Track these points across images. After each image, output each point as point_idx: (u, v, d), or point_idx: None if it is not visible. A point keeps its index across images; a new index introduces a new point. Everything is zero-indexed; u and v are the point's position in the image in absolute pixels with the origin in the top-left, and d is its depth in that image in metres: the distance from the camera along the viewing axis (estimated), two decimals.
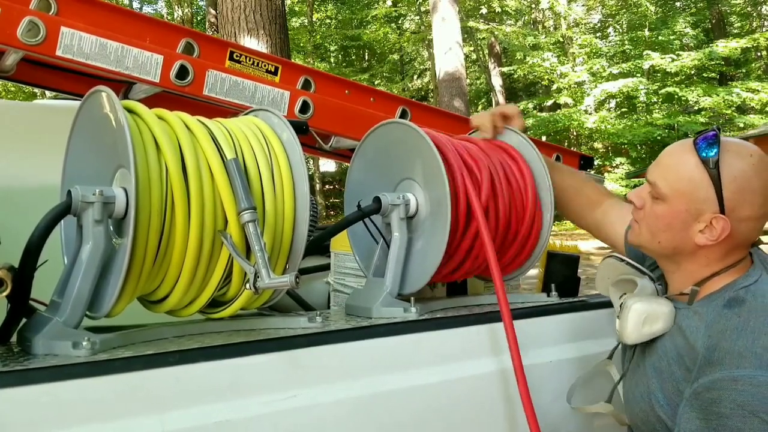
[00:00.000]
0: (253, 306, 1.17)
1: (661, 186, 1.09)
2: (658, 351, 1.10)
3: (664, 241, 1.11)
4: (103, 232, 0.94)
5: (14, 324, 0.96)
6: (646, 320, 1.08)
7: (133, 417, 0.86)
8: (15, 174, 1.50)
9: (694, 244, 1.07)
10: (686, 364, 1.03)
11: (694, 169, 1.05)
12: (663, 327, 1.09)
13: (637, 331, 1.08)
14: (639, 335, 1.09)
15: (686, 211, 1.06)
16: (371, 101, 1.96)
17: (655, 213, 1.11)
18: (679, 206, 1.07)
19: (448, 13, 12.84)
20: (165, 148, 0.98)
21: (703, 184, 1.04)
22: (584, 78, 19.27)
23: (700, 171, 1.04)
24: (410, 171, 1.31)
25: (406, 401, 1.09)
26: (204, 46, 1.65)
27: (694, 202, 1.05)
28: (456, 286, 1.55)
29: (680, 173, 1.07)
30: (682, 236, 1.08)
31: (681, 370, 1.04)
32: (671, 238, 1.10)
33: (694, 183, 1.05)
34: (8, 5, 1.33)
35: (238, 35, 5.71)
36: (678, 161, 1.08)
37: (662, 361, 1.08)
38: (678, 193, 1.07)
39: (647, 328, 1.08)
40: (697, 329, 1.04)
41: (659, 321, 1.08)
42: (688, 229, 1.07)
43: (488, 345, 1.23)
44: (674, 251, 1.11)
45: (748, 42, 17.66)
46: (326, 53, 24.94)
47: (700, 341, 1.02)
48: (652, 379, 1.10)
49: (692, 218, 1.06)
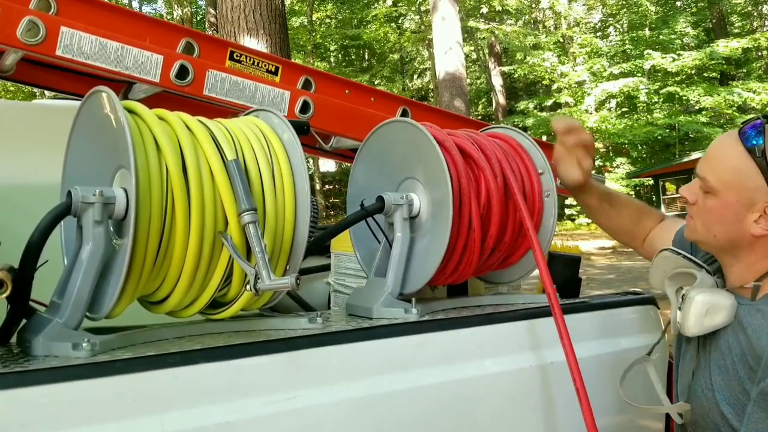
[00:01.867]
0: (254, 307, 1.17)
1: (710, 179, 1.08)
2: (721, 347, 1.08)
3: (720, 234, 1.09)
4: (104, 233, 0.94)
5: (14, 325, 0.96)
6: (708, 312, 1.06)
7: (133, 418, 0.85)
8: (15, 174, 1.49)
9: (750, 235, 1.06)
10: (749, 363, 1.02)
11: (740, 159, 1.04)
12: (724, 320, 1.07)
13: (699, 323, 1.06)
14: (701, 327, 1.07)
15: (738, 202, 1.05)
16: (371, 101, 1.96)
17: (707, 207, 1.10)
18: (730, 198, 1.06)
19: (448, 12, 12.84)
20: (165, 148, 0.98)
21: (751, 172, 1.03)
22: (584, 78, 19.27)
23: (747, 160, 1.03)
24: (413, 171, 1.30)
25: (407, 402, 1.09)
26: (204, 45, 1.65)
27: (744, 192, 1.04)
28: (457, 287, 1.54)
29: (727, 164, 1.06)
30: (737, 228, 1.07)
31: (745, 369, 1.03)
32: (726, 231, 1.08)
33: (742, 173, 1.04)
34: (8, 5, 1.33)
35: (238, 35, 5.71)
36: (724, 152, 1.07)
37: (726, 359, 1.07)
38: (727, 184, 1.06)
39: (708, 320, 1.06)
40: (761, 328, 1.02)
41: (721, 313, 1.06)
42: (742, 220, 1.06)
43: (489, 346, 1.23)
44: (731, 244, 1.09)
45: (749, 42, 17.67)
46: (326, 53, 24.94)
47: (764, 341, 1.00)
48: (716, 376, 1.08)
49: (745, 209, 1.05)
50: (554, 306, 1.16)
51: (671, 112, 18.61)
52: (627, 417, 1.37)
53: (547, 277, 1.20)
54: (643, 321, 1.46)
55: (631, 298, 1.49)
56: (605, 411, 1.27)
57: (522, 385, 1.23)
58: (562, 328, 1.14)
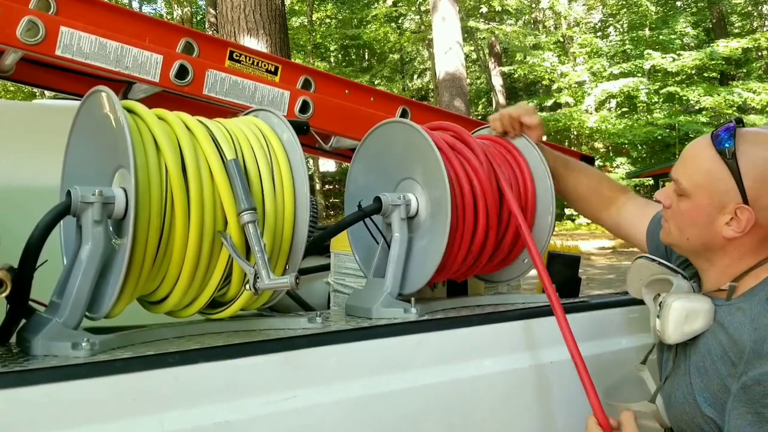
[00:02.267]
0: (253, 306, 1.17)
1: (683, 182, 1.09)
2: (701, 350, 1.08)
3: (693, 237, 1.10)
4: (103, 233, 0.94)
5: (14, 325, 0.96)
6: (687, 318, 1.06)
7: (132, 418, 0.85)
8: (15, 174, 1.49)
9: (722, 237, 1.06)
10: (731, 359, 1.02)
11: (712, 162, 1.05)
12: (703, 324, 1.07)
13: (679, 329, 1.07)
14: (681, 334, 1.07)
15: (709, 205, 1.06)
16: (371, 101, 1.96)
17: (681, 210, 1.10)
18: (702, 200, 1.07)
19: (448, 12, 12.83)
20: (165, 148, 0.98)
21: (722, 175, 1.03)
22: (585, 78, 19.27)
23: (718, 163, 1.04)
24: (411, 171, 1.31)
25: (406, 402, 1.09)
26: (204, 45, 1.65)
27: (716, 195, 1.05)
28: (456, 287, 1.55)
29: (699, 167, 1.07)
30: (709, 230, 1.07)
31: (726, 366, 1.03)
32: (699, 234, 1.09)
33: (713, 175, 1.05)
34: (7, 5, 1.33)
35: (238, 35, 5.71)
36: (696, 155, 1.09)
37: (706, 360, 1.07)
38: (699, 187, 1.07)
39: (688, 326, 1.06)
40: (742, 324, 1.02)
41: (699, 318, 1.06)
42: (713, 222, 1.06)
43: (488, 345, 1.23)
44: (704, 247, 1.10)
45: (749, 42, 17.66)
46: (326, 53, 24.93)
47: (746, 335, 1.00)
48: (695, 380, 1.08)
49: (716, 211, 1.05)
50: (555, 304, 1.16)
51: (671, 112, 18.61)
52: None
53: (545, 273, 1.20)
54: (642, 321, 1.45)
55: (630, 298, 1.49)
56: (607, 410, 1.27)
57: (521, 384, 1.24)
58: (564, 326, 1.14)
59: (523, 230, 1.25)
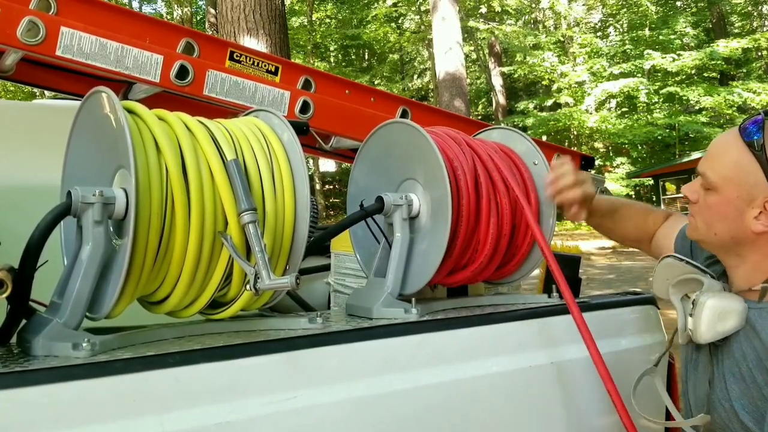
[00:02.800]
0: (254, 307, 1.17)
1: (710, 176, 1.07)
2: (735, 354, 1.06)
3: (721, 232, 1.08)
4: (103, 233, 0.94)
5: (14, 325, 0.96)
6: (720, 317, 1.04)
7: (133, 418, 0.85)
8: (15, 174, 1.49)
9: (751, 231, 1.04)
10: (767, 367, 1.00)
11: (740, 154, 1.03)
12: (736, 324, 1.04)
13: (712, 328, 1.04)
14: (714, 333, 1.05)
15: (738, 198, 1.04)
16: (371, 101, 1.96)
17: (708, 204, 1.08)
18: (730, 194, 1.05)
19: (448, 12, 12.84)
20: (165, 148, 0.98)
21: (750, 168, 1.02)
22: (584, 78, 19.27)
23: (746, 155, 1.02)
24: (412, 171, 1.31)
25: (406, 402, 1.09)
26: (204, 46, 1.65)
27: (744, 188, 1.03)
28: (457, 287, 1.54)
29: (727, 160, 1.05)
30: (738, 225, 1.05)
31: (763, 375, 1.00)
32: (727, 228, 1.07)
33: (741, 168, 1.03)
34: (8, 5, 1.33)
35: (238, 35, 5.71)
36: (725, 148, 1.07)
37: (742, 366, 1.04)
38: (727, 180, 1.05)
39: (721, 325, 1.04)
40: None
41: (732, 317, 1.04)
42: (742, 216, 1.04)
43: (489, 346, 1.22)
44: (733, 242, 1.08)
45: (749, 42, 17.66)
46: (326, 53, 24.93)
47: None
48: (732, 385, 1.06)
49: (745, 204, 1.04)
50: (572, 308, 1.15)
51: (671, 112, 18.61)
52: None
53: (560, 274, 1.19)
54: (643, 321, 1.46)
55: (631, 298, 1.49)
56: (606, 411, 1.27)
57: (522, 385, 1.23)
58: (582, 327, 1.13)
59: (536, 233, 1.24)
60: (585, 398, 1.29)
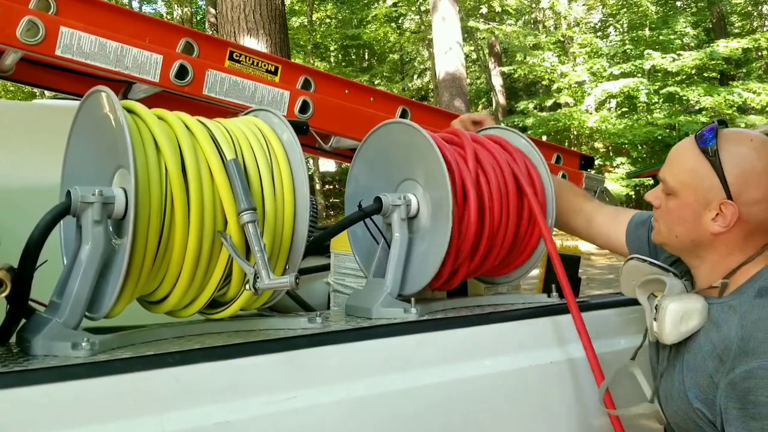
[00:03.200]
0: (253, 306, 1.17)
1: (669, 181, 1.14)
2: (693, 348, 1.11)
3: (681, 235, 1.14)
4: (103, 233, 0.94)
5: (13, 325, 0.96)
6: (683, 318, 1.09)
7: (132, 418, 0.85)
8: (15, 174, 1.49)
9: (709, 233, 1.10)
10: (720, 356, 1.05)
11: (696, 160, 1.10)
12: (698, 323, 1.10)
13: (676, 330, 1.10)
14: (678, 334, 1.10)
15: (695, 202, 1.10)
16: (371, 101, 1.96)
17: (669, 208, 1.15)
18: (688, 198, 1.11)
19: (448, 12, 12.83)
20: (165, 148, 0.98)
21: (705, 172, 1.08)
22: (584, 78, 19.25)
23: (701, 161, 1.09)
24: (411, 171, 1.31)
25: (406, 402, 1.09)
26: (204, 45, 1.65)
27: (700, 192, 1.09)
28: (456, 287, 1.54)
29: (684, 166, 1.12)
30: (697, 227, 1.11)
31: (714, 362, 1.05)
32: (686, 231, 1.13)
33: (697, 173, 1.10)
34: (7, 5, 1.33)
35: (238, 35, 5.71)
36: (681, 155, 1.14)
37: (696, 357, 1.10)
38: (685, 185, 1.11)
39: (684, 326, 1.10)
40: (731, 321, 1.06)
41: (694, 318, 1.10)
42: (700, 219, 1.10)
43: (489, 346, 1.23)
44: (693, 244, 1.14)
45: (749, 42, 17.64)
46: (326, 53, 24.92)
47: (734, 332, 1.04)
48: (686, 376, 1.11)
49: (702, 207, 1.10)
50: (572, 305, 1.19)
51: (671, 112, 18.58)
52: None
53: (563, 274, 1.23)
54: (642, 321, 1.45)
55: (630, 299, 1.49)
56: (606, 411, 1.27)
57: (521, 384, 1.24)
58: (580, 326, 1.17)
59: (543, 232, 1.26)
60: (585, 398, 1.29)
